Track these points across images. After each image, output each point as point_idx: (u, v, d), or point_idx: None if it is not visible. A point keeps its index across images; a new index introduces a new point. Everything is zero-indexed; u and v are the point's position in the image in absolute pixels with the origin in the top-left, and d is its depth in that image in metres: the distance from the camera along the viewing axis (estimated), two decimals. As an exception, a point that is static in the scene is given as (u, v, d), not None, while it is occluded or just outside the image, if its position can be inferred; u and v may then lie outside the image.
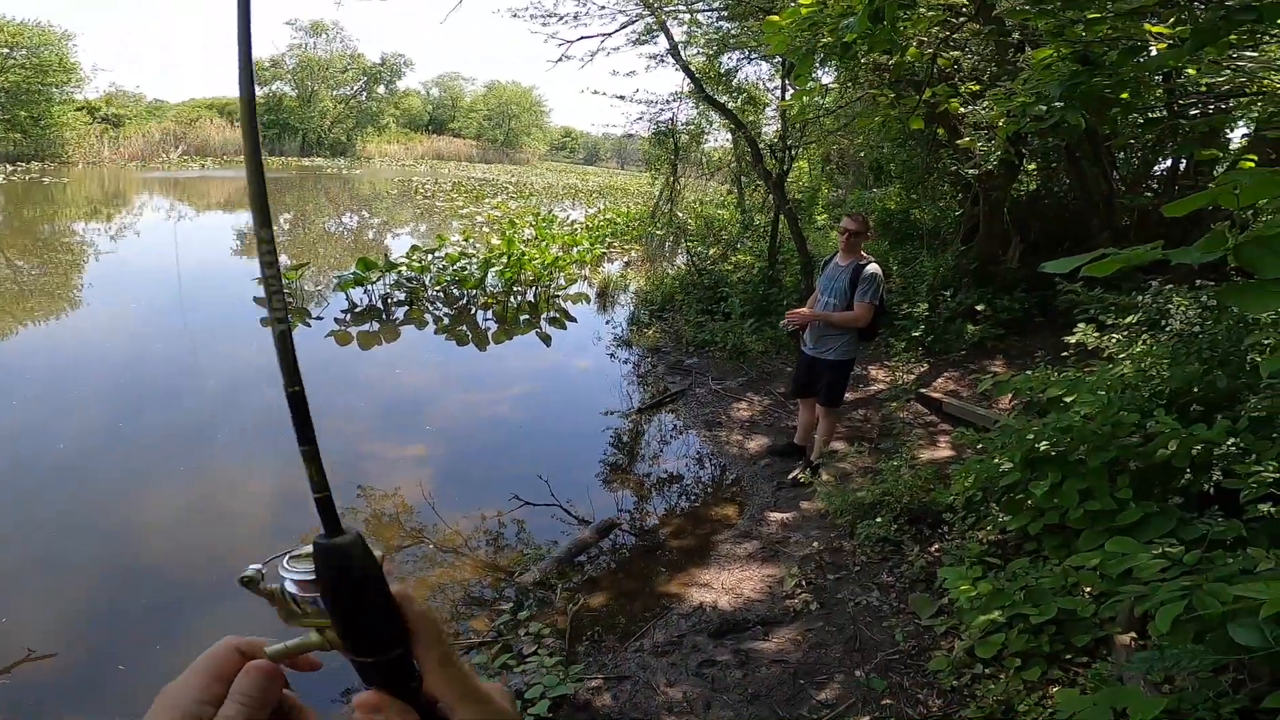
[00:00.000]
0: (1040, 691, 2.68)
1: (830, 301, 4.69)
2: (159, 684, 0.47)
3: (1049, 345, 5.42)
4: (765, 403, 6.66)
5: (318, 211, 17.77)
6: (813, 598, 3.64)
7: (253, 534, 4.38)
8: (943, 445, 5.40)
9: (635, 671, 3.17)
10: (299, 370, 0.48)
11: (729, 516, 4.79)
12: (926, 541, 4.02)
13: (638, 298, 10.00)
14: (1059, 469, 3.49)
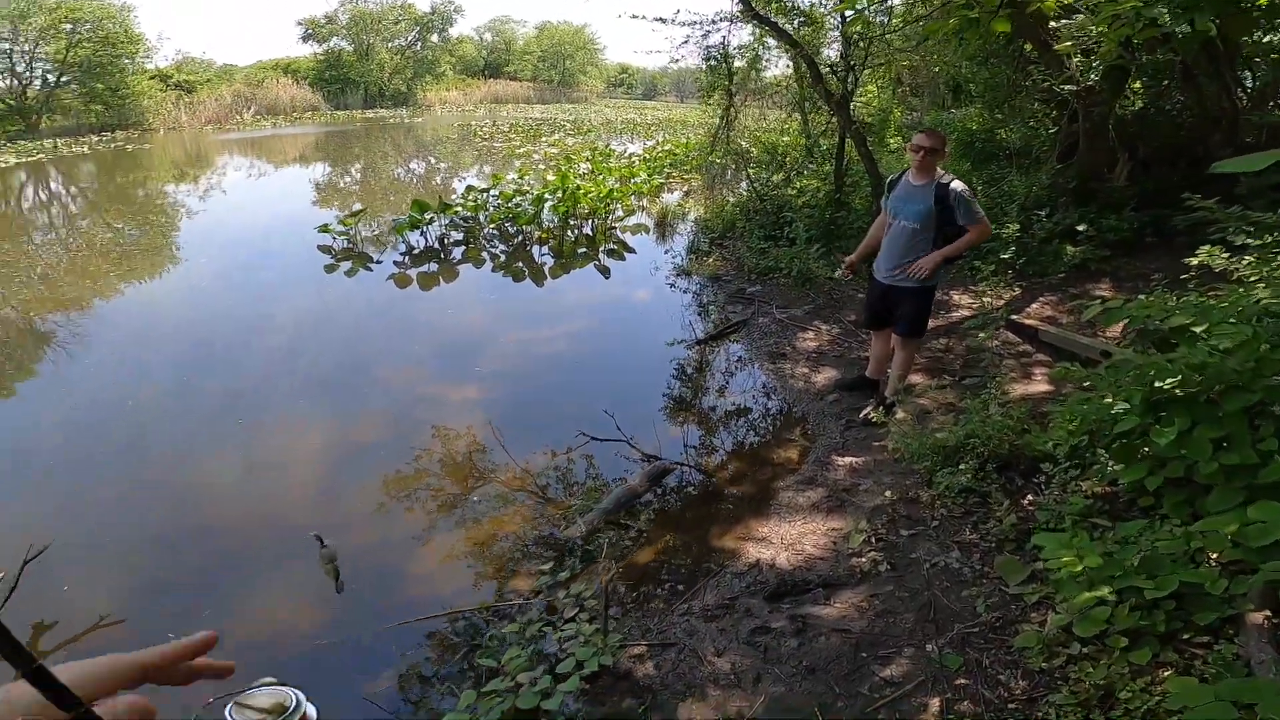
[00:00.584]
0: (1148, 677, 2.27)
1: (908, 224, 4.16)
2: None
3: (1165, 268, 4.70)
4: (834, 332, 6.15)
5: (383, 160, 18.10)
6: (883, 557, 3.25)
7: (308, 492, 4.35)
8: (1038, 379, 4.79)
9: (681, 638, 2.91)
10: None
11: (792, 460, 4.41)
12: (1018, 493, 3.54)
13: (697, 226, 9.69)
14: (1188, 413, 2.94)
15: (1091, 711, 2.21)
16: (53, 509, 4.09)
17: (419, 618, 3.18)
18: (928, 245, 4.14)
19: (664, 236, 9.93)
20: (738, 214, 9.06)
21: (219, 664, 0.64)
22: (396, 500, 4.17)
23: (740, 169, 10.30)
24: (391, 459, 4.57)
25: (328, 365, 6.12)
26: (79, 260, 9.23)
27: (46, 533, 3.58)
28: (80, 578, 3.54)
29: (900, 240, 4.20)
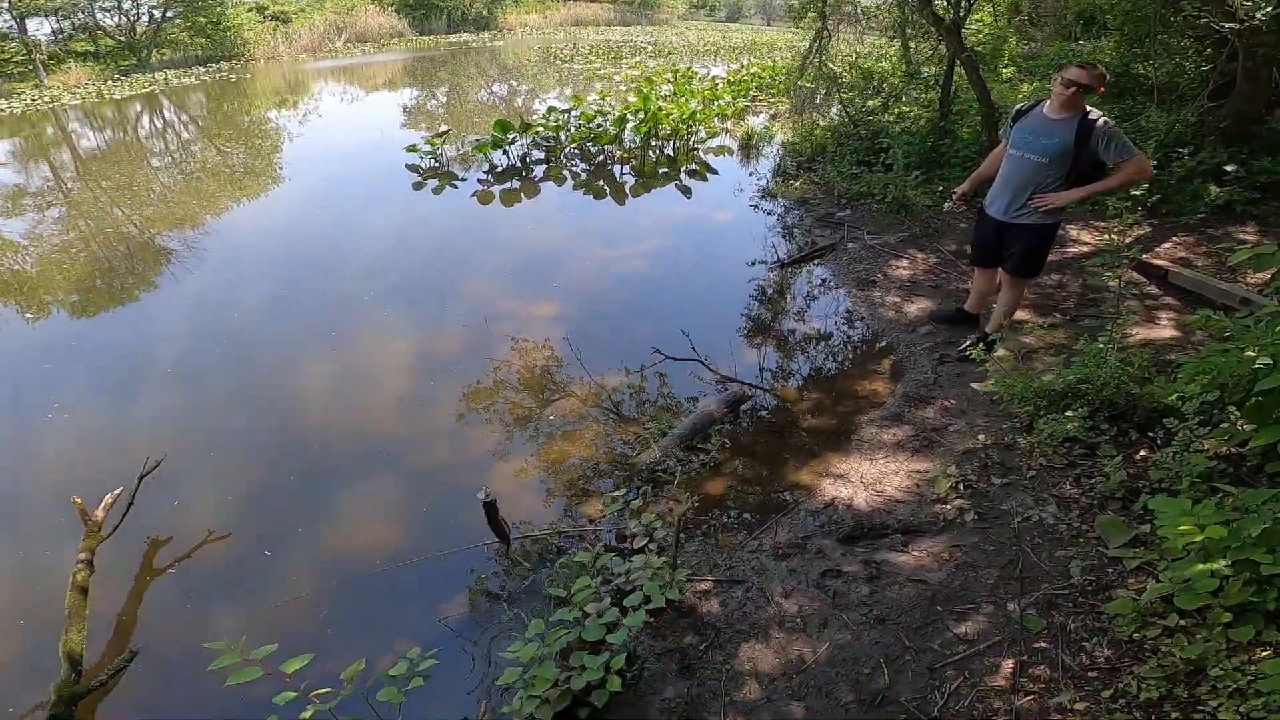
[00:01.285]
0: (1245, 655, 2.06)
1: (1035, 158, 3.71)
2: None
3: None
4: (930, 261, 5.72)
5: (468, 83, 18.12)
6: (970, 505, 3.06)
7: (394, 406, 4.49)
8: (1164, 325, 4.31)
9: (750, 576, 2.86)
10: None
11: (877, 393, 4.18)
12: (1131, 448, 3.22)
13: (784, 149, 9.24)
14: None
15: (1176, 686, 2.03)
16: (164, 421, 4.37)
17: (490, 541, 3.25)
18: (1054, 183, 3.71)
19: (748, 159, 9.56)
20: (828, 138, 8.62)
21: None
22: (475, 417, 4.26)
23: (832, 94, 9.78)
24: (471, 373, 4.66)
25: (414, 279, 6.25)
26: (192, 182, 9.71)
27: (159, 445, 3.85)
28: (190, 491, 3.78)
29: (1023, 174, 3.76)
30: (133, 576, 3.26)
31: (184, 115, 15.03)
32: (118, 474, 3.62)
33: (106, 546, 3.24)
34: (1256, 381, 2.80)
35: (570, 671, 2.37)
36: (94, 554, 3.07)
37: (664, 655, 2.54)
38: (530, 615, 2.80)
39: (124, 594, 3.17)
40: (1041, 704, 2.11)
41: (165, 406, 4.52)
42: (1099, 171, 3.65)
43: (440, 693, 2.59)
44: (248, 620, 3.00)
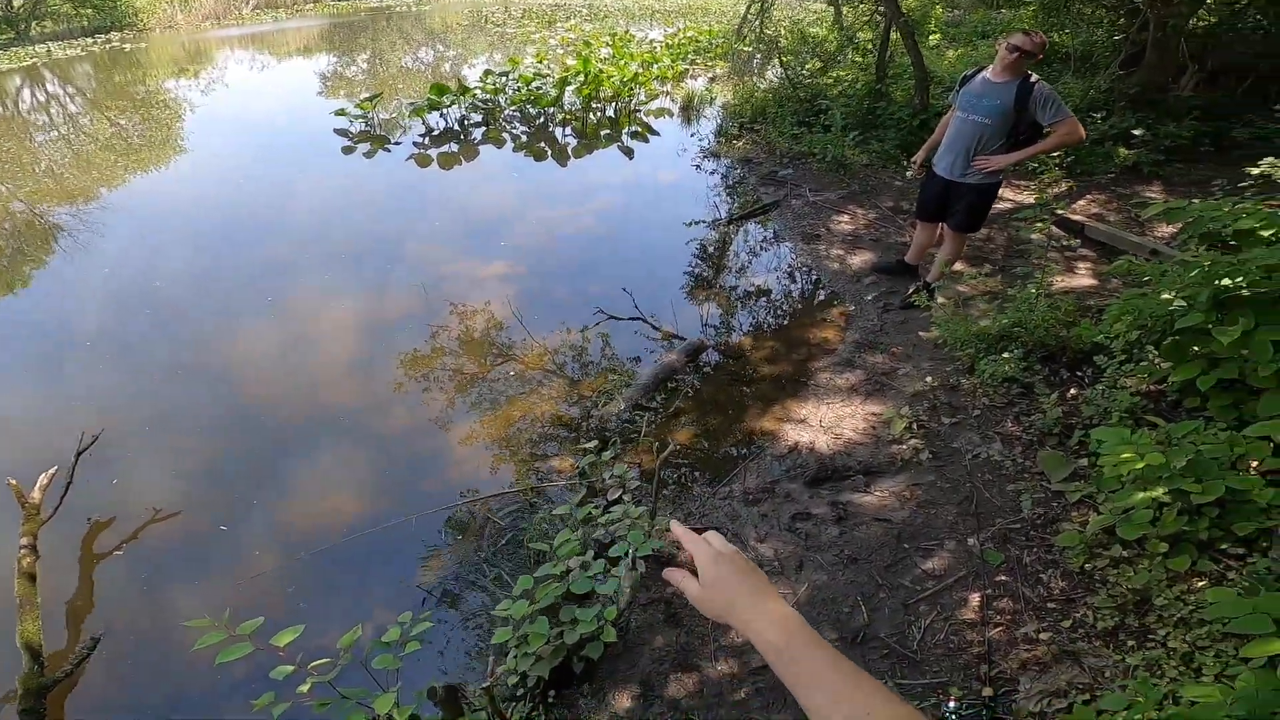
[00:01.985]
0: (1184, 585, 2.23)
1: (980, 120, 3.80)
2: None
3: (1224, 176, 4.47)
4: (870, 216, 5.84)
5: (392, 49, 16.90)
6: (924, 445, 3.19)
7: (337, 368, 4.27)
8: (1082, 273, 4.54)
9: (724, 522, 2.91)
10: None
11: (829, 340, 4.26)
12: (1063, 386, 3.40)
13: (725, 111, 9.17)
14: (1252, 314, 2.75)
15: (1127, 616, 2.20)
16: (94, 397, 4.03)
17: (465, 501, 3.18)
18: (997, 144, 3.82)
19: (689, 121, 9.45)
20: (769, 100, 8.60)
21: None
22: (426, 382, 4.11)
23: (771, 57, 9.79)
24: (423, 336, 4.48)
25: (355, 243, 5.91)
26: (84, 155, 8.74)
27: (91, 422, 3.54)
28: (129, 468, 3.52)
29: (968, 134, 3.87)
30: (79, 560, 3.02)
31: (70, 88, 13.41)
32: (51, 454, 3.33)
33: (48, 530, 2.98)
34: (1173, 322, 3.00)
35: (562, 626, 2.36)
36: (36, 538, 2.82)
37: (649, 606, 2.56)
38: (511, 573, 2.76)
39: (73, 579, 2.94)
40: (1010, 635, 2.25)
41: (93, 382, 4.17)
42: (1037, 134, 3.77)
43: (431, 656, 2.54)
44: (210, 599, 2.84)
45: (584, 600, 2.48)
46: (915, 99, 7.05)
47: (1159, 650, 2.04)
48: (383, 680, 2.23)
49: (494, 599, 2.69)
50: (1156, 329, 3.23)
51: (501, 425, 3.70)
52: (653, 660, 2.34)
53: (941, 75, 7.58)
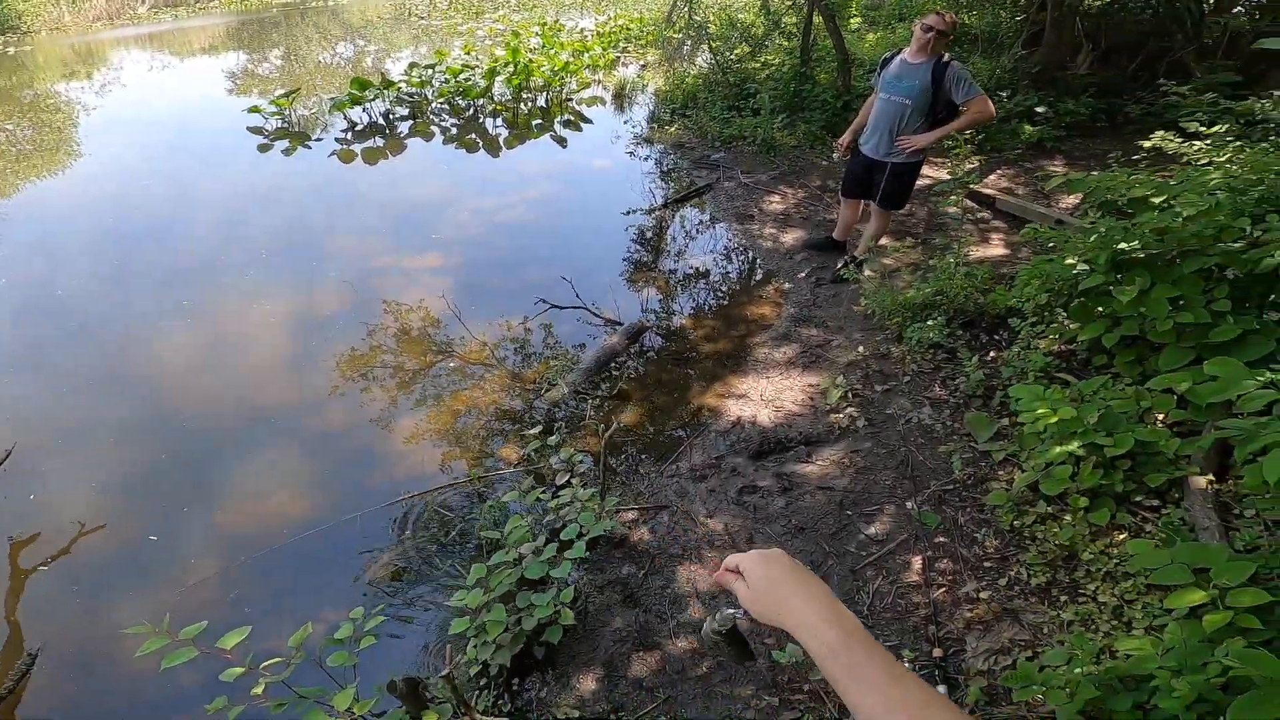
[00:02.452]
0: (1106, 539, 2.35)
1: (900, 100, 3.90)
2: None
3: (1118, 150, 4.77)
4: (799, 196, 5.95)
5: (308, 44, 15.97)
6: (860, 413, 3.27)
7: (266, 369, 4.06)
8: (996, 243, 4.75)
9: (673, 500, 2.91)
10: None
11: (765, 316, 4.31)
12: (983, 350, 3.55)
13: (657, 98, 9.17)
14: (1148, 273, 2.93)
15: (1058, 571, 2.31)
16: (1, 412, 3.73)
17: (411, 495, 3.08)
18: (917, 122, 3.93)
19: (622, 108, 9.36)
20: (700, 86, 8.63)
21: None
22: (364, 379, 3.96)
23: (700, 43, 9.78)
24: (352, 335, 4.31)
25: (278, 241, 5.62)
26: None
27: (1, 439, 3.27)
28: (49, 482, 3.28)
29: (889, 114, 3.97)
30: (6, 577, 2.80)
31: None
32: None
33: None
34: (1078, 285, 3.16)
35: (520, 613, 2.32)
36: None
37: (606, 588, 2.55)
38: (464, 563, 2.70)
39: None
40: (953, 595, 2.34)
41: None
42: (954, 112, 3.89)
43: (388, 652, 2.46)
44: (148, 609, 2.67)
45: (539, 586, 2.45)
46: (838, 81, 7.19)
47: (1090, 605, 2.15)
48: (340, 678, 2.16)
49: (448, 590, 2.63)
50: (1064, 292, 3.39)
51: (445, 418, 3.60)
52: (614, 641, 2.34)
53: (863, 57, 7.74)
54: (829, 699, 2.06)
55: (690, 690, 2.15)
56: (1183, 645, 1.67)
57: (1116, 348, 3.06)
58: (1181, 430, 2.71)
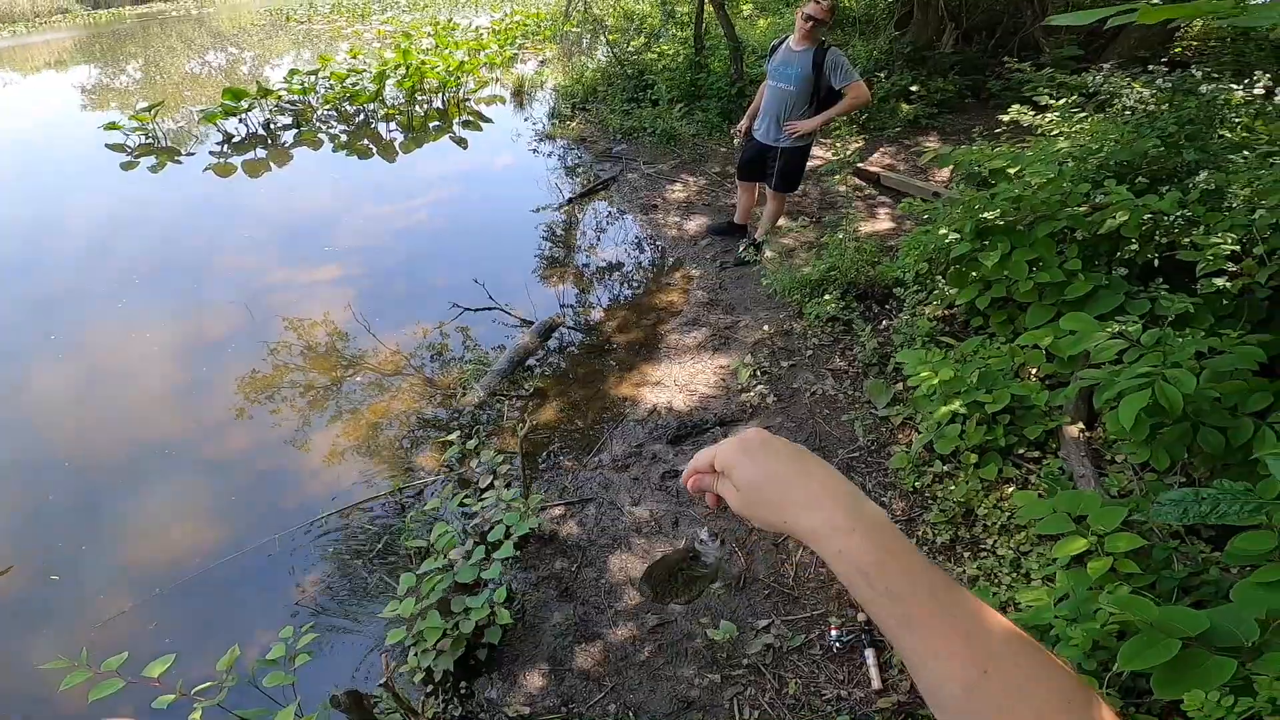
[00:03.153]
0: (997, 493, 2.51)
1: (785, 87, 4.03)
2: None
3: (983, 124, 5.07)
4: (701, 183, 6.07)
5: (172, 55, 14.75)
6: (769, 390, 3.38)
7: (156, 400, 3.77)
8: (883, 218, 5.00)
9: (598, 492, 2.92)
10: None
11: (674, 303, 4.37)
12: (876, 319, 3.73)
13: (557, 93, 9.09)
14: (1008, 239, 3.16)
15: (959, 529, 2.45)
16: None
17: (329, 513, 2.96)
18: (804, 107, 4.06)
19: (522, 105, 9.22)
20: (599, 79, 8.61)
21: None
22: (269, 398, 3.75)
23: (598, 37, 9.79)
24: (249, 356, 4.08)
25: (148, 264, 5.21)
26: None
27: None
28: None
29: (777, 101, 4.10)
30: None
31: None
32: None
33: None
34: (951, 253, 3.37)
35: (456, 617, 2.27)
36: None
37: (540, 584, 2.54)
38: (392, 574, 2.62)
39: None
40: None
41: None
42: (836, 97, 4.04)
43: (325, 669, 2.36)
44: (64, 647, 2.46)
45: (473, 589, 2.41)
46: (731, 69, 7.31)
47: (991, 559, 2.28)
48: (281, 697, 2.08)
49: (381, 602, 2.54)
50: (941, 260, 3.60)
51: (361, 432, 3.46)
52: (555, 636, 2.33)
53: (755, 44, 7.90)
54: (767, 671, 2.14)
55: (636, 676, 2.18)
56: (1074, 594, 1.71)
57: (989, 309, 3.29)
58: (1052, 383, 2.94)
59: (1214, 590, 1.72)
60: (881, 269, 3.91)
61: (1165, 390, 2.13)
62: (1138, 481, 2.31)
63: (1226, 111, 3.37)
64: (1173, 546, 1.90)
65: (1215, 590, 1.71)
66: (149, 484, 3.25)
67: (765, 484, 0.55)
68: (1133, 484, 2.30)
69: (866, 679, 2.07)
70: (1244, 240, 2.50)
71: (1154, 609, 1.38)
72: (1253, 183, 2.68)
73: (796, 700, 2.05)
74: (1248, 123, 3.35)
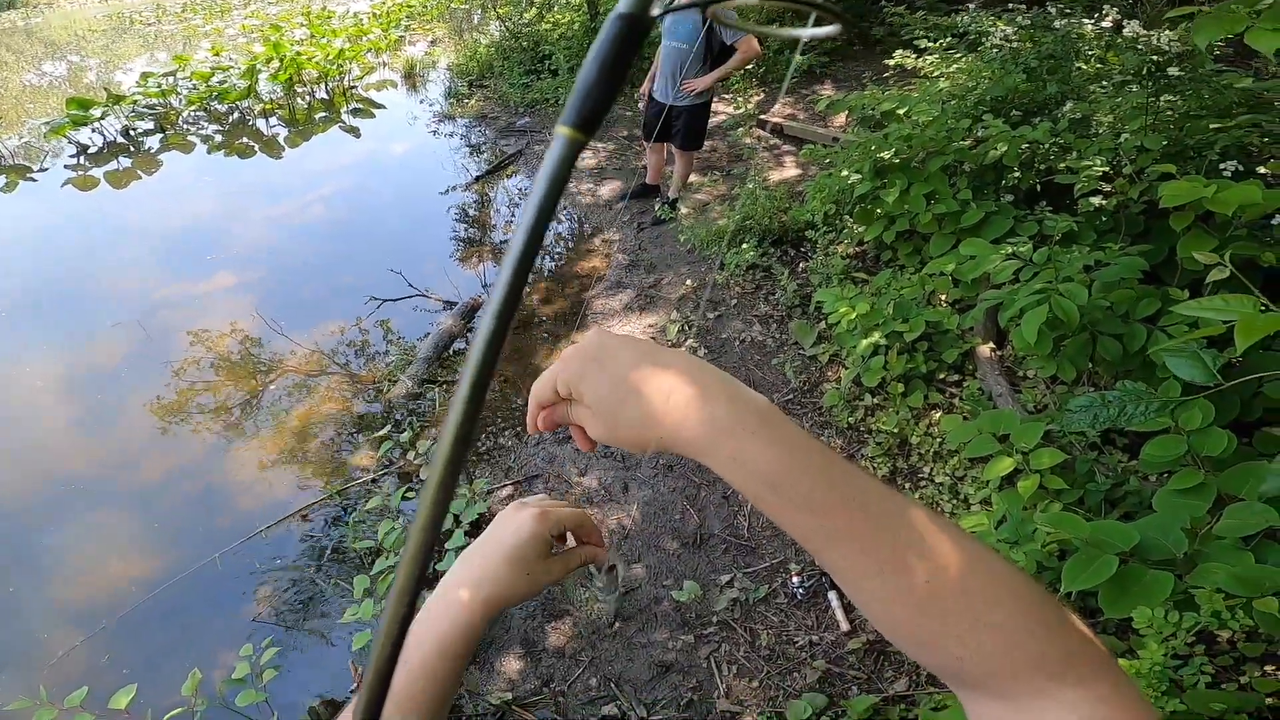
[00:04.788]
0: (926, 420, 2.56)
1: (679, 44, 3.89)
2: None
3: (872, 70, 5.02)
4: (609, 149, 5.89)
5: (3, 68, 12.83)
6: (699, 343, 3.34)
7: (57, 435, 3.42)
8: (789, 166, 4.97)
9: (544, 467, 2.83)
10: None
11: (597, 269, 4.24)
12: (793, 263, 3.72)
13: (451, 73, 8.62)
14: (904, 176, 3.23)
15: (896, 460, 2.48)
16: None
17: (268, 525, 2.75)
18: (699, 63, 3.94)
19: (415, 88, 8.66)
20: (494, 54, 8.16)
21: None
22: (180, 418, 3.44)
23: (488, 11, 9.30)
24: (151, 377, 3.70)
25: (21, 290, 4.64)
26: None
27: None
28: None
29: (673, 60, 3.97)
30: None
31: None
32: None
33: None
34: (854, 193, 3.38)
35: (417, 617, 2.15)
36: None
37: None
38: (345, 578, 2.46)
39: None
40: None
41: None
42: (729, 53, 3.93)
43: (295, 682, 2.21)
44: (16, 690, 2.26)
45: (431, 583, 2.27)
46: None
47: (930, 487, 2.33)
48: (257, 715, 1.95)
49: (338, 607, 2.38)
50: (847, 201, 3.62)
51: (288, 440, 3.22)
52: (523, 619, 2.26)
53: (664, 3, 7.68)
54: (738, 626, 2.12)
55: (610, 647, 2.14)
56: (1010, 516, 1.72)
57: (896, 243, 3.35)
58: (961, 306, 3.02)
59: (1138, 501, 1.78)
60: (792, 213, 3.90)
61: (1060, 303, 2.20)
62: (1050, 395, 2.40)
63: (1081, 45, 3.50)
64: (1092, 458, 1.98)
65: (1139, 501, 1.78)
66: (69, 521, 2.95)
67: (621, 395, 0.43)
68: (1046, 398, 2.40)
69: (834, 622, 2.09)
70: (1113, 163, 2.61)
71: (1085, 525, 1.41)
72: (1114, 110, 2.82)
73: (771, 651, 2.07)
74: (1100, 54, 3.50)
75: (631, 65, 0.31)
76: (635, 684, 2.03)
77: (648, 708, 1.97)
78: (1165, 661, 1.16)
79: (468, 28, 10.84)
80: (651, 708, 1.97)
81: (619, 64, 0.31)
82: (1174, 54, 2.77)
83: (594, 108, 0.30)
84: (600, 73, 0.30)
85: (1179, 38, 2.69)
